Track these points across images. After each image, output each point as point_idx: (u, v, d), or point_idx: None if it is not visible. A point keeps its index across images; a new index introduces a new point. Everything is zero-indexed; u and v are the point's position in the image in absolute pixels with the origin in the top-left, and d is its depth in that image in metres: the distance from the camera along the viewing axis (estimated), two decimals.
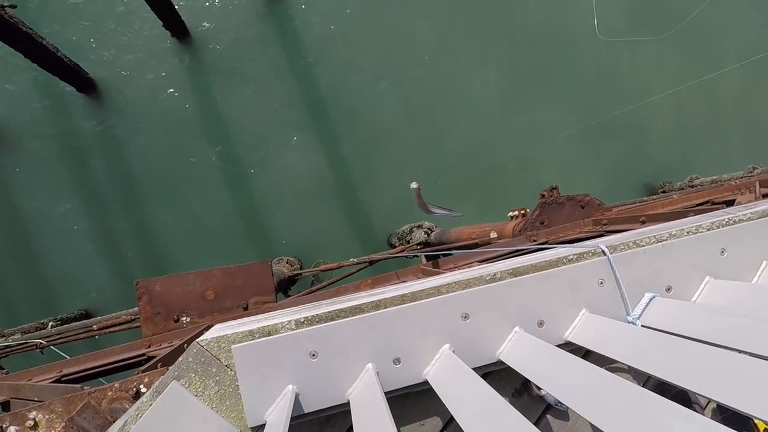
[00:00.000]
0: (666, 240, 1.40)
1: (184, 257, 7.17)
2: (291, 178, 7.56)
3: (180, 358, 1.14)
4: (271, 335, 1.18)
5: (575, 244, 1.40)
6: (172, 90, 7.56)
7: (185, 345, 2.02)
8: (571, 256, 1.37)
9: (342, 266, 5.44)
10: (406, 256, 6.32)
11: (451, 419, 1.39)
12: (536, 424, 1.44)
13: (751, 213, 1.45)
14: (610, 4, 9.23)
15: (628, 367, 1.47)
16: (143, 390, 1.48)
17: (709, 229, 1.43)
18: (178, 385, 1.13)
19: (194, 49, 7.63)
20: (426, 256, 6.26)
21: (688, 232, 1.42)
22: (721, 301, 1.35)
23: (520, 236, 4.32)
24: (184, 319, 2.95)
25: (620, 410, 0.88)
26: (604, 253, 1.36)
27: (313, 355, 1.20)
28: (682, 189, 9.35)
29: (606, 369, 1.11)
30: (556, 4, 9.01)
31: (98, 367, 2.70)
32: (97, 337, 3.89)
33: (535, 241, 3.96)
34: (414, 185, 4.19)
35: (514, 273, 1.33)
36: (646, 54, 9.52)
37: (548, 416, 1.46)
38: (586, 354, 1.43)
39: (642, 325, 1.32)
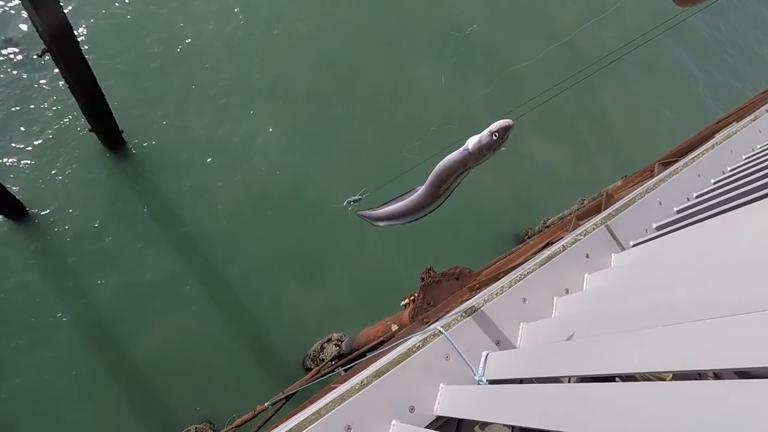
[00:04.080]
0: (483, 306, 1.78)
1: None
2: (179, 341, 7.08)
3: None
4: None
5: (418, 332, 1.70)
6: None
7: None
8: (418, 344, 1.66)
9: (258, 413, 5.12)
10: (323, 377, 6.17)
11: None
12: None
13: (533, 265, 1.93)
14: None
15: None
16: None
17: (510, 287, 1.86)
18: None
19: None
20: (344, 369, 6.19)
21: (497, 294, 1.83)
22: (536, 339, 1.73)
23: (415, 323, 4.63)
24: None
25: None
26: (441, 332, 1.68)
27: None
28: (541, 231, 10.85)
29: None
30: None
31: None
32: None
33: (427, 323, 4.29)
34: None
35: (377, 374, 1.57)
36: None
37: None
38: (460, 423, 1.68)
39: (487, 380, 1.62)
